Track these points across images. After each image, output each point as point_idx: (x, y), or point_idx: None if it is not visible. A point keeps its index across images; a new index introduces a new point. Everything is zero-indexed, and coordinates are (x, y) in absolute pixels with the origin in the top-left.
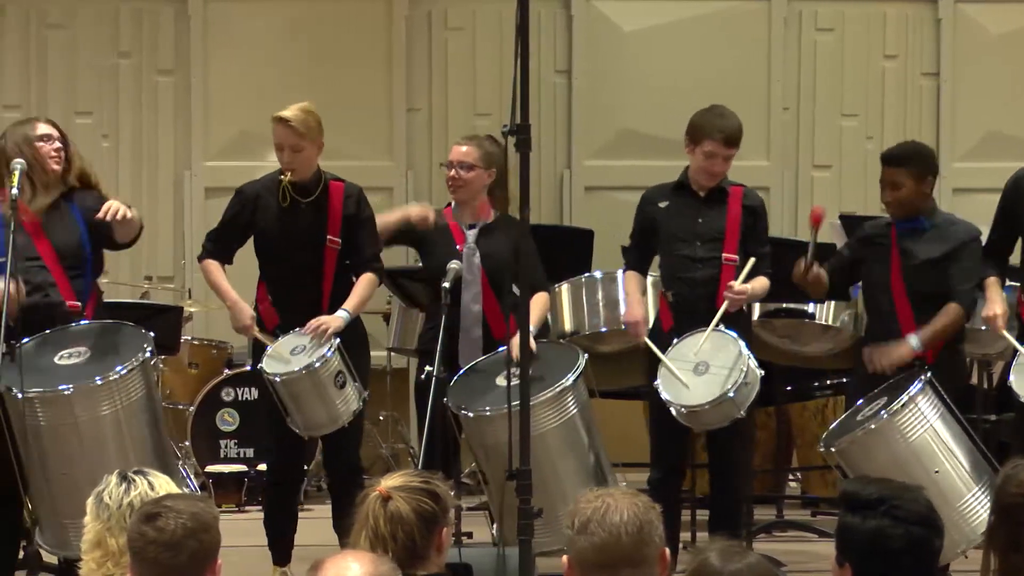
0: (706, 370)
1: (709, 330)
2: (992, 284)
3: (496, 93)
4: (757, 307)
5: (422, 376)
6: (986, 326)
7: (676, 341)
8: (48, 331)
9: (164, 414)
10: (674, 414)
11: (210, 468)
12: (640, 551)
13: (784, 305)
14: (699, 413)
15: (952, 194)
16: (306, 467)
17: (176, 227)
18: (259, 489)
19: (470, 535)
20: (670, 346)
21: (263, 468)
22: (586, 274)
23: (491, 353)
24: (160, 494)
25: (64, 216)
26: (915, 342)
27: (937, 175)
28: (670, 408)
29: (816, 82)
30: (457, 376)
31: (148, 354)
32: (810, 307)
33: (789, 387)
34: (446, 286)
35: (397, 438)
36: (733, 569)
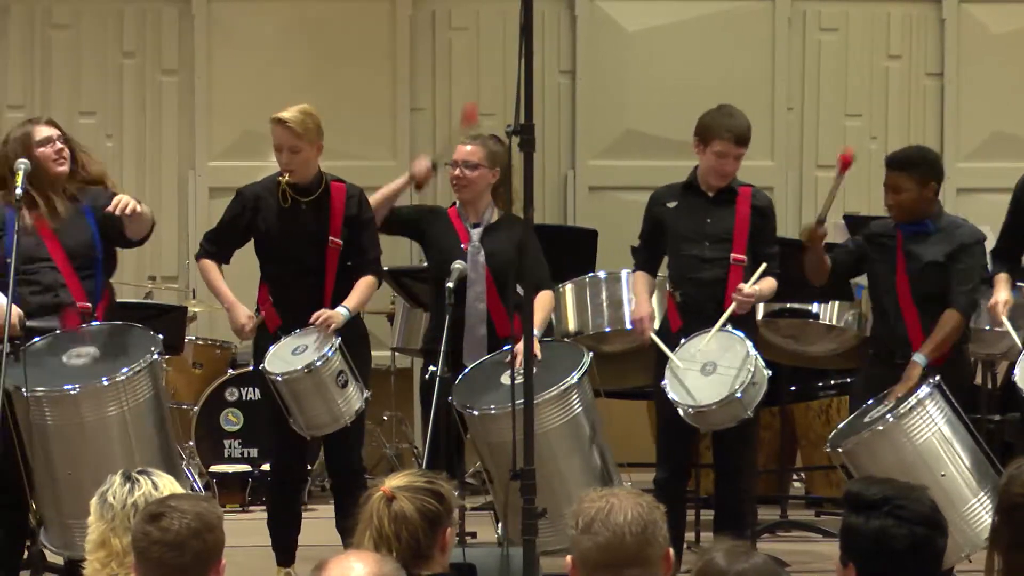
0: (713, 370)
1: (714, 330)
2: (1001, 279)
3: (500, 93)
4: (761, 307)
5: (426, 376)
6: (990, 326)
7: (684, 341)
8: (58, 331)
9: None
10: (681, 414)
11: (214, 468)
12: (644, 551)
13: (788, 305)
14: (706, 413)
15: (956, 194)
16: (310, 467)
17: (180, 227)
18: (263, 489)
19: (474, 535)
20: (677, 346)
21: (267, 468)
22: (590, 274)
23: (495, 352)
24: (164, 494)
25: (75, 216)
26: (921, 360)
27: (942, 180)
28: (677, 408)
29: (820, 82)
30: (462, 375)
31: (156, 356)
32: (814, 307)
33: (793, 387)
34: (450, 285)
35: (401, 438)
36: (739, 569)
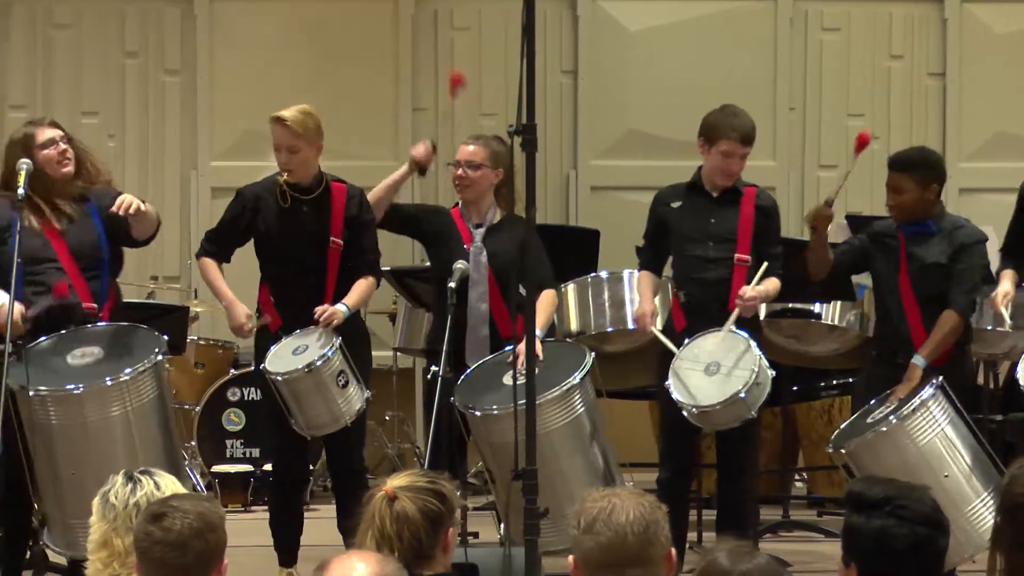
0: (717, 370)
1: (724, 331)
2: (1006, 275)
3: (502, 93)
4: (763, 307)
5: (428, 376)
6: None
7: (688, 341)
8: (63, 331)
9: None
10: (685, 414)
11: (216, 468)
12: (646, 551)
13: (790, 305)
14: (710, 413)
15: (959, 194)
16: (312, 467)
17: (182, 227)
18: (265, 489)
19: (476, 535)
20: (682, 346)
21: (269, 468)
22: (592, 274)
23: (498, 352)
24: (166, 494)
25: (81, 217)
26: (920, 362)
27: (944, 182)
28: (681, 408)
29: (822, 82)
30: (464, 375)
31: (160, 356)
32: (816, 307)
33: (795, 387)
34: (452, 285)
35: (403, 438)
36: (743, 570)
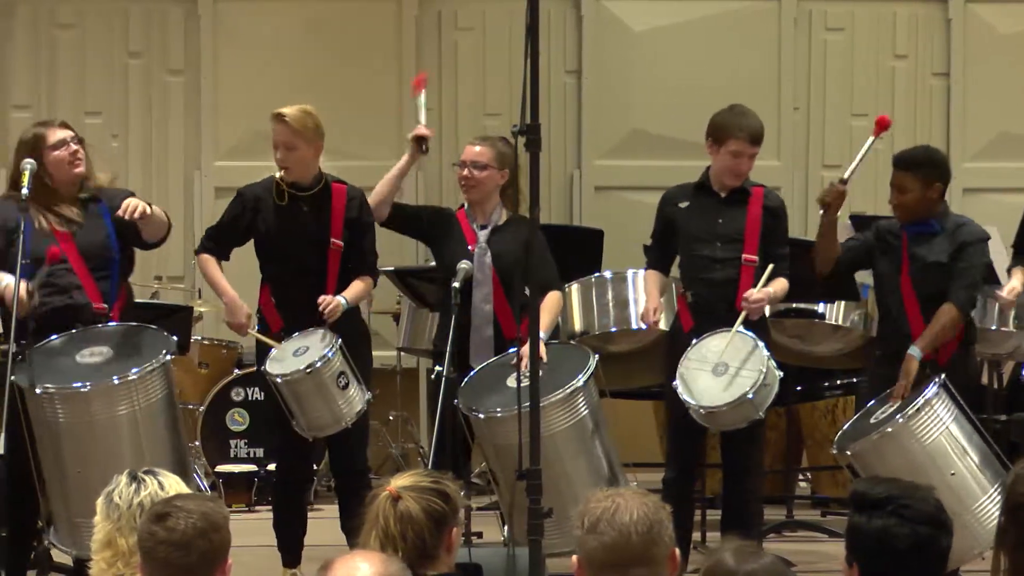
0: (725, 371)
1: (732, 333)
2: (1018, 271)
3: (506, 93)
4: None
5: (432, 376)
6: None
7: (695, 342)
8: (73, 331)
9: None
10: (692, 415)
11: (220, 468)
12: (650, 551)
13: (794, 305)
14: (718, 414)
15: (962, 194)
16: (316, 467)
17: (186, 227)
18: (269, 489)
19: (480, 535)
20: (689, 347)
21: (273, 468)
22: (596, 274)
23: (502, 354)
24: (170, 494)
25: (92, 217)
26: (916, 353)
27: (948, 182)
28: (688, 408)
29: (826, 82)
30: (467, 377)
31: (168, 356)
32: (820, 307)
33: (799, 387)
34: (456, 286)
35: (407, 438)
36: (748, 569)
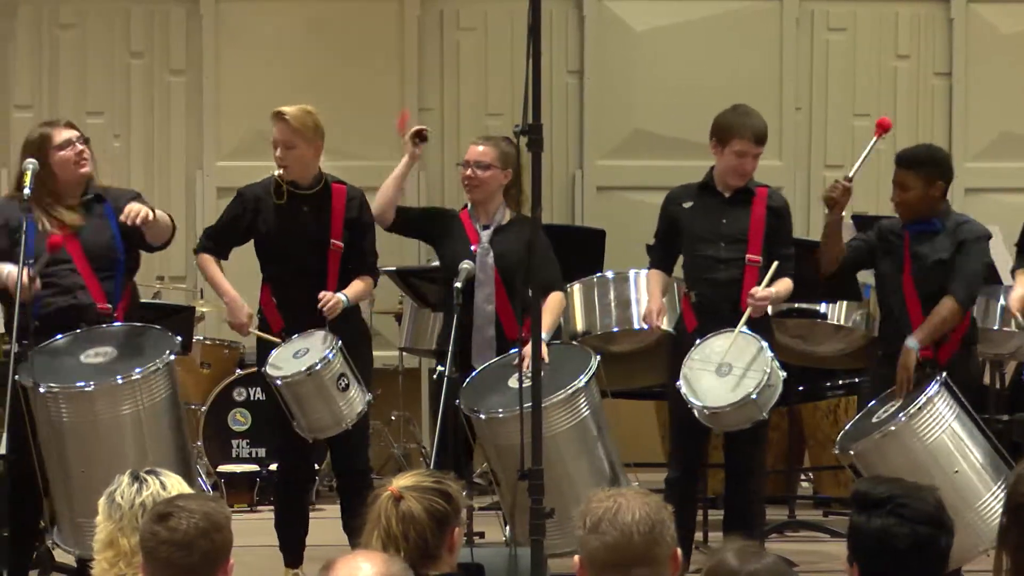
0: (729, 371)
1: (736, 333)
2: (1020, 274)
3: (508, 93)
4: (770, 307)
5: (435, 376)
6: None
7: (699, 342)
8: (78, 331)
9: None
10: (696, 415)
11: (222, 468)
12: (652, 551)
13: (796, 305)
14: (721, 414)
15: (964, 194)
16: (318, 467)
17: (188, 227)
18: (271, 489)
19: (482, 535)
20: (693, 347)
21: (275, 468)
22: (598, 274)
23: (503, 355)
24: (172, 494)
25: (97, 217)
26: (914, 344)
27: (951, 180)
28: (692, 409)
29: (828, 82)
30: (469, 378)
31: (172, 357)
32: (822, 307)
33: (801, 387)
34: (458, 286)
35: (409, 438)
36: (751, 570)
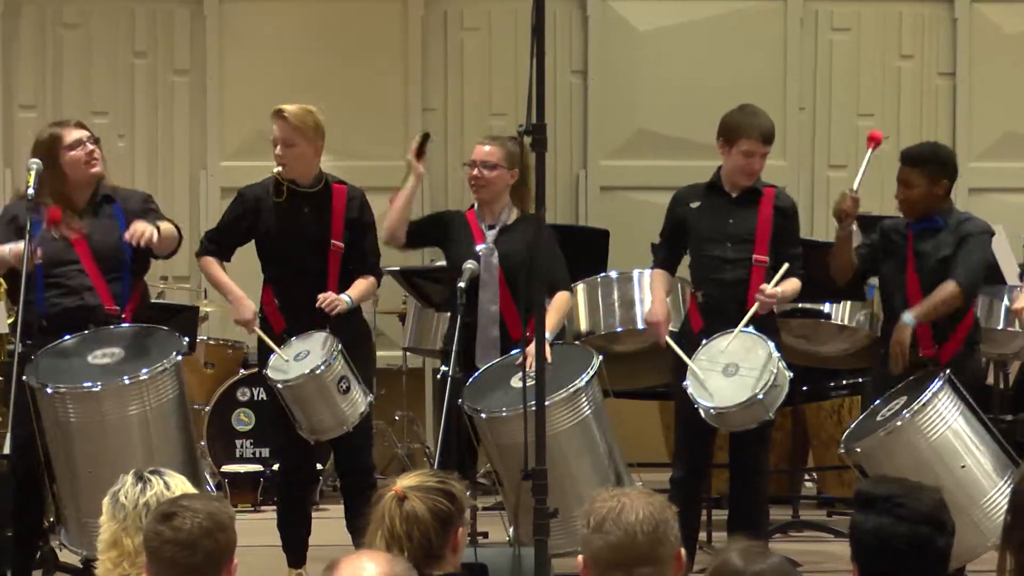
0: (735, 371)
1: (736, 331)
2: None
3: (511, 93)
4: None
5: (438, 376)
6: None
7: (705, 342)
8: (86, 332)
9: None
10: (702, 415)
11: (226, 468)
12: (655, 550)
13: (800, 305)
14: (727, 415)
15: (968, 194)
16: (321, 467)
17: (192, 227)
18: (274, 489)
19: (486, 535)
20: (699, 347)
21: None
22: (602, 274)
23: (506, 355)
24: (176, 494)
25: (105, 218)
26: (909, 320)
27: (955, 179)
28: (698, 409)
29: (832, 82)
30: (472, 379)
31: (179, 358)
32: (826, 307)
33: (805, 387)
34: (461, 286)
35: (413, 438)
36: (756, 570)
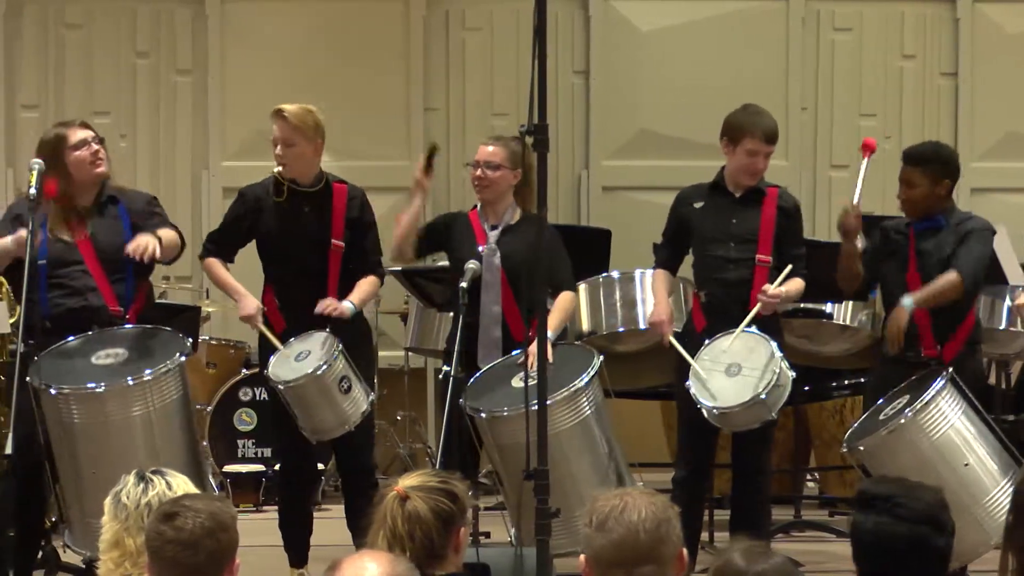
0: (738, 371)
1: (738, 331)
2: None
3: (513, 93)
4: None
5: (440, 376)
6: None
7: (708, 342)
8: (89, 333)
9: None
10: (705, 415)
11: (228, 468)
12: (657, 549)
13: (802, 305)
14: (730, 415)
15: (970, 194)
16: (323, 467)
17: (194, 227)
18: (276, 489)
19: (488, 535)
20: (702, 347)
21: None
22: (603, 274)
23: (508, 355)
24: (178, 494)
25: (109, 219)
26: (908, 303)
27: (957, 179)
28: (701, 409)
29: (834, 82)
30: (473, 379)
31: (183, 358)
32: (828, 307)
33: (807, 387)
34: (463, 286)
35: (415, 438)
36: (758, 570)
